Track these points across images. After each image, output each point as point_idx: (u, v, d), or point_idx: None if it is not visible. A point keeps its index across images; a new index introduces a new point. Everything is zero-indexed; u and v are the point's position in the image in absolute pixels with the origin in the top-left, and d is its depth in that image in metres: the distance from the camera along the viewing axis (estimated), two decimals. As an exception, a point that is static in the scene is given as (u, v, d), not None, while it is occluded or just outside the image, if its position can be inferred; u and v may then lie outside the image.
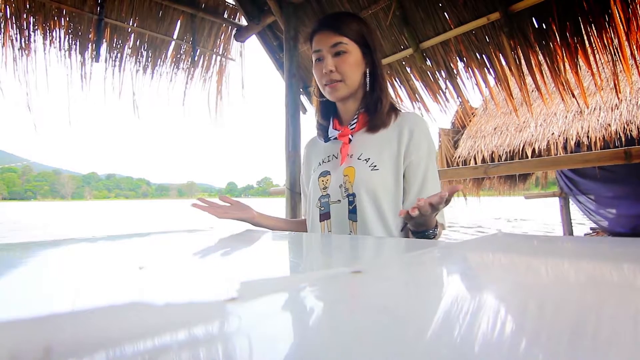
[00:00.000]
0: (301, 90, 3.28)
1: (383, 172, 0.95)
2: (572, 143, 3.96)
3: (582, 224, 7.60)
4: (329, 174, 1.01)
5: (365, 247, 0.61)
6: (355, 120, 1.01)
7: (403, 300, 0.27)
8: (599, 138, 3.79)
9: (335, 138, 1.04)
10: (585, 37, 1.97)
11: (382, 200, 0.93)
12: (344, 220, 0.96)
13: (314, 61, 1.01)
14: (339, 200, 0.98)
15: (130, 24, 3.01)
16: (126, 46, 3.09)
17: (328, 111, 1.10)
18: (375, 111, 1.00)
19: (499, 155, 4.53)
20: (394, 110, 1.04)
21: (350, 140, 1.01)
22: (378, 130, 1.00)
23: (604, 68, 2.31)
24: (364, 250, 0.58)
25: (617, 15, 1.84)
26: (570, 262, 0.42)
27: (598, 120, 3.91)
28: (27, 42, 2.67)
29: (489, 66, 2.38)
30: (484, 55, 2.37)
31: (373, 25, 2.66)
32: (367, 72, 1.00)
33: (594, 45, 1.98)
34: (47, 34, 2.74)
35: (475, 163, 4.68)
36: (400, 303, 0.26)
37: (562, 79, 2.12)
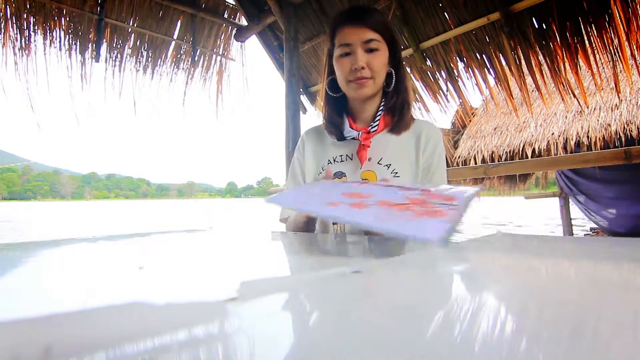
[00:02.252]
0: (301, 90, 3.28)
1: (403, 179, 0.94)
2: (572, 143, 3.96)
3: (582, 226, 7.60)
4: (344, 176, 0.99)
5: (365, 247, 0.61)
6: (377, 122, 0.98)
7: (403, 300, 0.27)
8: (599, 138, 3.79)
9: (353, 138, 1.00)
10: (585, 37, 1.97)
11: None
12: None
13: (337, 55, 0.96)
14: None
15: (131, 24, 3.01)
16: (126, 46, 3.09)
17: (340, 107, 1.04)
18: (402, 114, 0.98)
19: (499, 155, 4.53)
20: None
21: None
22: (401, 132, 0.99)
23: (604, 68, 2.31)
24: (364, 250, 0.58)
25: (617, 15, 1.84)
26: (570, 262, 0.42)
27: (598, 120, 3.91)
28: (27, 42, 2.68)
29: (489, 66, 2.38)
30: (484, 55, 2.37)
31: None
32: (392, 72, 0.97)
33: (594, 45, 1.98)
34: (47, 34, 2.74)
35: (475, 163, 4.68)
36: (400, 303, 0.26)
37: (562, 79, 2.12)
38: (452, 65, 2.53)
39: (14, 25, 2.63)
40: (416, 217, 0.46)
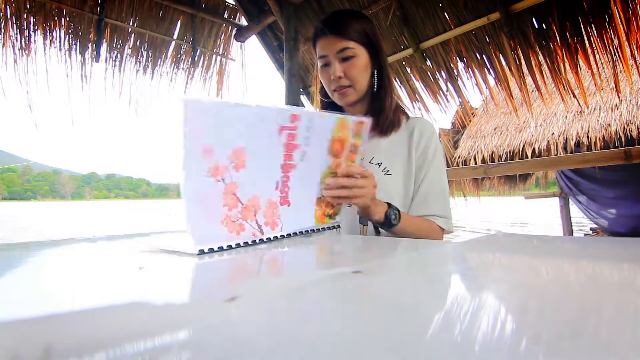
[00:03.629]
0: (301, 90, 3.28)
1: (395, 177, 0.95)
2: (572, 143, 3.96)
3: (582, 225, 7.59)
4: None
5: (365, 247, 0.61)
6: None
7: (403, 300, 0.27)
8: (599, 138, 3.79)
9: None
10: (585, 37, 1.97)
11: (396, 205, 0.92)
12: (354, 224, 0.95)
13: (319, 66, 0.99)
14: (350, 204, 0.97)
15: (131, 24, 3.01)
16: (126, 46, 3.09)
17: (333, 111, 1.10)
18: (381, 112, 0.98)
19: (499, 155, 4.53)
20: (403, 113, 1.03)
21: None
22: (389, 133, 0.99)
23: (604, 68, 2.31)
24: (364, 250, 0.58)
25: (617, 15, 1.84)
26: (570, 262, 0.42)
27: (598, 120, 3.91)
28: (27, 42, 2.67)
29: (489, 66, 2.38)
30: (484, 55, 2.37)
31: (374, 21, 2.64)
32: (375, 73, 0.99)
33: (594, 45, 1.98)
34: (47, 34, 2.74)
35: (475, 163, 4.68)
36: (400, 303, 0.26)
37: (562, 79, 2.12)
38: (452, 65, 2.53)
39: (14, 25, 2.62)
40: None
